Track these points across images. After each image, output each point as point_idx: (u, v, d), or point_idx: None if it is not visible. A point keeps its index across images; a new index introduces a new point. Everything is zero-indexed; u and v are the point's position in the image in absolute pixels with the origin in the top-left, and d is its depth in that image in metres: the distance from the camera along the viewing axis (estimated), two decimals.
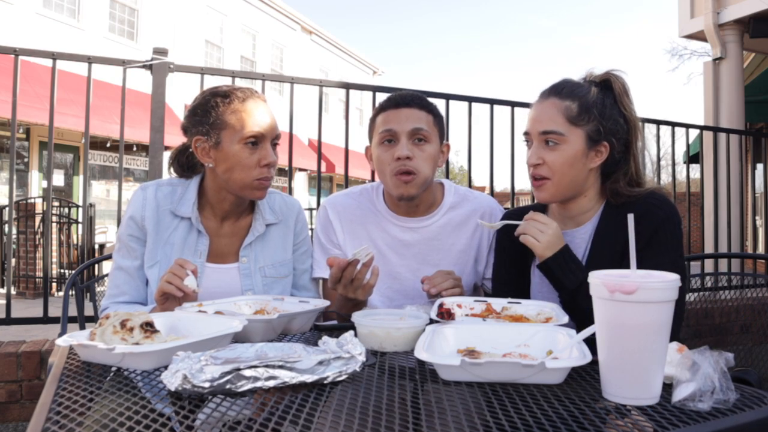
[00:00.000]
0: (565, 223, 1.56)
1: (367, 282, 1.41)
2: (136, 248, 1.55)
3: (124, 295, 1.54)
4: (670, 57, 35.78)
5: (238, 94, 1.51)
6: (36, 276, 6.69)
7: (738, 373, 1.44)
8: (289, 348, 0.99)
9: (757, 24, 5.58)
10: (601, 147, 1.46)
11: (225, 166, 1.50)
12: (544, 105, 1.47)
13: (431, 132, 1.62)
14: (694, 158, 5.90)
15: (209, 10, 14.95)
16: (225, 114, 1.49)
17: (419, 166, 1.59)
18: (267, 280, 1.61)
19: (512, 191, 3.51)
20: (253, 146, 1.50)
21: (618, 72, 1.52)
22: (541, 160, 1.44)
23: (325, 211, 1.78)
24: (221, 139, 1.49)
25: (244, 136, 1.48)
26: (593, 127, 1.44)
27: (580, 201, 1.51)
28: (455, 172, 28.15)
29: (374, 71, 23.76)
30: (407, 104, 1.63)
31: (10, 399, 2.43)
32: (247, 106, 1.50)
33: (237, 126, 1.48)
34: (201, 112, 1.52)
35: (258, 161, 1.50)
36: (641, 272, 0.90)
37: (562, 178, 1.44)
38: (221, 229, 1.60)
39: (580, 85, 1.48)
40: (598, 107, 1.44)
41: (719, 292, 2.57)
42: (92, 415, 0.81)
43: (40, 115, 8.16)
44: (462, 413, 0.80)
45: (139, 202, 1.56)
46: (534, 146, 1.46)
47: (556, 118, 1.43)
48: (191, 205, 1.56)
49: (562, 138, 1.42)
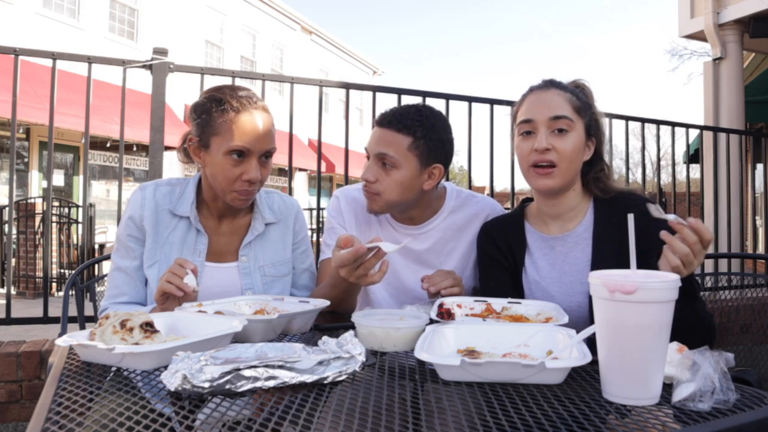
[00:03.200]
0: (549, 225, 1.55)
1: (372, 276, 1.37)
2: (135, 248, 1.55)
3: (123, 295, 1.54)
4: (670, 57, 35.86)
5: (233, 103, 1.48)
6: (36, 276, 6.69)
7: (738, 373, 1.44)
8: (289, 348, 0.99)
9: (757, 24, 5.58)
10: (590, 142, 1.50)
11: (210, 171, 1.51)
12: (548, 94, 1.46)
13: (401, 157, 1.56)
14: (694, 158, 5.91)
15: (209, 10, 14.95)
16: (216, 120, 1.47)
17: (381, 188, 1.58)
18: (267, 279, 1.61)
19: (512, 191, 3.51)
20: (239, 158, 1.47)
21: (585, 81, 1.58)
22: (551, 146, 1.42)
23: (338, 201, 1.79)
24: (210, 143, 1.49)
25: (228, 147, 1.46)
26: (588, 120, 1.48)
27: (570, 196, 1.51)
28: (455, 172, 28.17)
29: (374, 71, 23.76)
30: (383, 125, 1.60)
31: (10, 399, 2.43)
32: (240, 118, 1.47)
33: (225, 136, 1.46)
34: (198, 112, 1.51)
35: (240, 175, 1.48)
36: (641, 272, 0.90)
37: (569, 166, 1.44)
38: (220, 228, 1.60)
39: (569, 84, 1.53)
40: (588, 105, 1.50)
41: (719, 292, 2.57)
42: (92, 415, 0.81)
43: (40, 115, 8.16)
44: (462, 413, 0.80)
45: (137, 202, 1.55)
46: (542, 132, 1.43)
47: (565, 105, 1.44)
48: (190, 204, 1.56)
49: (571, 124, 1.43)
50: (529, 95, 1.50)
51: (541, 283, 1.52)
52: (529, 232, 1.58)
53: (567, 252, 1.51)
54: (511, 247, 1.58)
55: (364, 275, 1.35)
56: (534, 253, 1.56)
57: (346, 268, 1.34)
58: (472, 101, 3.34)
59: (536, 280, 1.53)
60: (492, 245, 1.61)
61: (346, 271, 1.35)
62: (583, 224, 1.52)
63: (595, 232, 1.48)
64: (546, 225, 1.56)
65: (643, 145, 3.89)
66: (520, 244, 1.57)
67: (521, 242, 1.57)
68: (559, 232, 1.54)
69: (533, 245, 1.56)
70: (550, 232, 1.55)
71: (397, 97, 3.14)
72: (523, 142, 1.47)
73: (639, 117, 3.89)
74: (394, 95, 3.16)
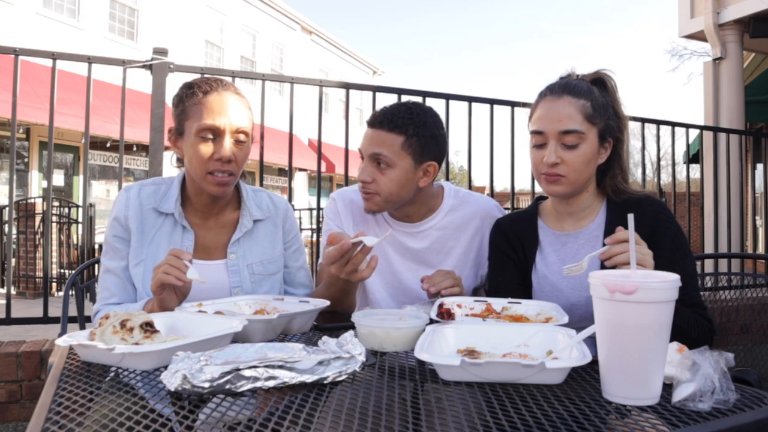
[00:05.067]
0: (563, 222, 1.57)
1: (362, 272, 1.39)
2: (122, 249, 1.54)
3: (114, 297, 1.53)
4: (670, 57, 35.86)
5: (203, 86, 1.50)
6: (36, 276, 6.69)
7: (738, 373, 1.44)
8: (289, 348, 0.99)
9: (757, 24, 5.58)
10: (606, 144, 1.48)
11: (187, 158, 1.52)
12: (559, 103, 1.44)
13: (395, 156, 1.58)
14: (694, 158, 5.90)
15: (209, 10, 14.95)
16: (189, 106, 1.49)
17: (377, 188, 1.60)
18: (255, 277, 1.60)
19: (512, 191, 3.51)
20: (210, 139, 1.48)
21: (608, 71, 1.54)
22: (560, 160, 1.43)
23: (335, 203, 1.80)
24: (183, 129, 1.50)
25: (198, 127, 1.47)
26: (603, 124, 1.46)
27: (583, 196, 1.52)
28: (455, 172, 28.16)
29: (374, 71, 23.76)
30: (374, 125, 1.62)
31: (10, 399, 2.43)
32: (208, 99, 1.49)
33: (195, 117, 1.48)
34: (174, 104, 1.53)
35: (212, 155, 1.48)
36: (641, 272, 0.91)
37: (578, 177, 1.45)
38: (206, 224, 1.59)
39: (585, 83, 1.49)
40: (605, 105, 1.47)
41: (719, 292, 2.56)
42: (92, 416, 0.81)
43: (40, 115, 8.16)
44: (462, 413, 0.80)
45: (122, 203, 1.55)
46: (552, 145, 1.43)
47: (576, 116, 1.42)
48: (174, 201, 1.55)
49: (582, 137, 1.42)
50: (542, 101, 1.48)
51: (551, 278, 1.53)
52: (542, 229, 1.60)
53: (578, 249, 1.52)
54: (522, 244, 1.59)
55: (354, 271, 1.38)
56: (545, 249, 1.57)
57: (335, 265, 1.38)
58: (472, 101, 3.34)
59: (546, 275, 1.54)
60: (504, 240, 1.63)
61: (335, 268, 1.38)
62: (596, 222, 1.52)
63: (606, 231, 1.48)
64: (559, 222, 1.57)
65: (643, 145, 3.89)
66: (532, 240, 1.59)
67: (533, 239, 1.59)
68: (572, 229, 1.55)
69: (545, 242, 1.58)
70: (563, 228, 1.56)
71: (397, 97, 3.14)
72: (535, 152, 1.48)
73: (639, 117, 3.89)
74: (394, 95, 3.16)
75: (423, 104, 1.74)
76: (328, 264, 1.39)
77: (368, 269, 1.39)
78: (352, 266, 1.37)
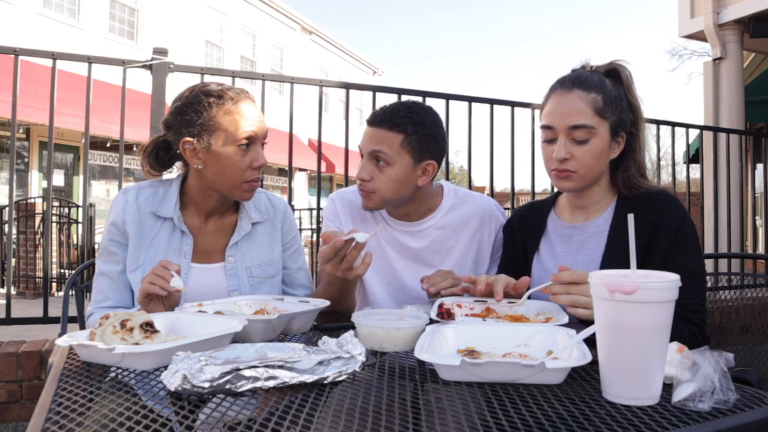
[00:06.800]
0: (574, 215, 1.57)
1: (356, 269, 1.39)
2: (118, 253, 1.53)
3: (107, 300, 1.52)
4: (670, 57, 35.87)
5: (230, 94, 1.47)
6: (36, 276, 6.69)
7: (738, 373, 1.44)
8: (289, 348, 0.99)
9: (757, 24, 5.58)
10: (619, 138, 1.46)
11: (216, 169, 1.48)
12: (569, 97, 1.42)
13: (394, 154, 1.59)
14: (694, 158, 5.90)
15: (209, 10, 14.95)
16: (218, 115, 1.46)
17: (376, 186, 1.61)
18: (253, 280, 1.59)
19: (512, 191, 3.51)
20: (246, 148, 1.48)
21: (623, 62, 1.51)
22: (570, 155, 1.41)
23: (334, 204, 1.81)
24: (213, 140, 1.46)
25: (238, 138, 1.46)
26: (615, 118, 1.43)
27: (594, 190, 1.51)
28: (455, 172, 28.17)
29: (374, 71, 23.76)
30: (374, 124, 1.63)
31: (10, 399, 2.43)
32: (240, 107, 1.47)
33: (230, 128, 1.46)
34: (190, 112, 1.47)
35: (250, 163, 1.48)
36: (641, 272, 0.90)
37: (588, 172, 1.44)
38: (205, 227, 1.58)
39: (598, 76, 1.46)
40: (617, 98, 1.44)
41: (719, 292, 2.56)
42: (92, 416, 0.81)
43: (40, 115, 8.16)
44: (462, 413, 0.80)
45: (119, 207, 1.53)
46: (562, 141, 1.41)
47: (586, 110, 1.40)
48: (173, 205, 1.53)
49: (592, 132, 1.40)
50: (552, 95, 1.46)
51: (552, 270, 1.52)
52: (552, 220, 1.61)
53: (582, 242, 1.52)
54: (527, 232, 1.61)
55: (349, 269, 1.39)
56: (552, 239, 1.58)
57: (331, 263, 1.39)
58: (472, 101, 3.34)
59: (548, 266, 1.55)
60: (510, 231, 1.68)
61: (331, 266, 1.39)
62: (603, 216, 1.51)
63: (612, 226, 1.47)
64: (571, 214, 1.57)
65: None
66: (539, 228, 1.60)
67: (540, 227, 1.60)
68: (582, 222, 1.54)
69: (552, 232, 1.59)
70: (574, 221, 1.56)
71: (397, 97, 3.13)
72: (545, 147, 1.47)
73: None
74: (394, 95, 3.16)
75: (422, 103, 1.75)
76: (323, 263, 1.40)
77: (363, 266, 1.40)
78: (347, 263, 1.38)
